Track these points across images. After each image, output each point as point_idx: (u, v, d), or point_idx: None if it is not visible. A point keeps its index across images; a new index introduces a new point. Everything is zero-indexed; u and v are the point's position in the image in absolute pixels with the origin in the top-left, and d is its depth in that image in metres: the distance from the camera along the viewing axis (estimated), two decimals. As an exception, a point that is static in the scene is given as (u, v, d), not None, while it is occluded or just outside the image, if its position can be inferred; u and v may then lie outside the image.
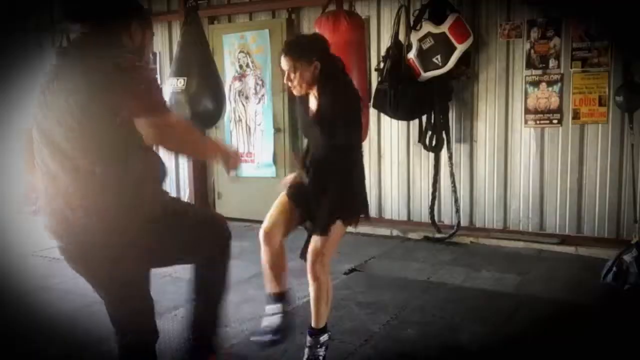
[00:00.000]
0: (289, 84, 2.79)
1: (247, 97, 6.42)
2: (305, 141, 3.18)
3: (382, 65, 5.28)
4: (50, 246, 5.43)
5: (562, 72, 5.04)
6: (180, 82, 4.99)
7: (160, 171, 2.17)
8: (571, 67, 4.99)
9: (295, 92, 2.85)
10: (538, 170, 5.22)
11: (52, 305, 3.91)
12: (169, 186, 7.20)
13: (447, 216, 5.60)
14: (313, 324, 2.87)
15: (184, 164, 6.88)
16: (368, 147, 5.71)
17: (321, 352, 2.86)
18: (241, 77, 6.43)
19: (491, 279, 4.30)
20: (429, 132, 5.31)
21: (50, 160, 1.99)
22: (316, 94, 2.81)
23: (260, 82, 6.31)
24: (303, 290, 4.05)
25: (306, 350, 2.88)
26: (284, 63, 2.78)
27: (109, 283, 2.13)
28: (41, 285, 4.32)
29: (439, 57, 4.93)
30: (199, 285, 2.44)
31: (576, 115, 5.01)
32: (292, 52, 2.77)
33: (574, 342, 3.17)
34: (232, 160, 2.27)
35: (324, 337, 2.88)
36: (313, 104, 2.86)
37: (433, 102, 5.20)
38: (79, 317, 3.68)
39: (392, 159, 5.81)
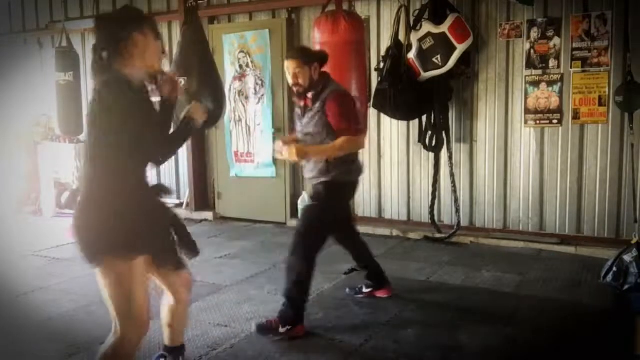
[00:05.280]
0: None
1: (247, 97, 6.42)
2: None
3: (382, 65, 5.28)
4: (50, 246, 5.47)
5: (562, 72, 5.04)
6: (180, 82, 4.99)
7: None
8: (571, 67, 4.99)
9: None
10: (538, 170, 5.22)
11: (51, 305, 3.90)
12: (170, 186, 7.19)
13: (447, 216, 5.60)
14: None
15: (184, 164, 6.88)
16: (368, 147, 5.71)
17: None
18: (241, 77, 6.43)
19: (491, 279, 4.30)
20: (429, 132, 5.31)
21: None
22: None
23: (260, 82, 6.31)
24: (303, 290, 4.06)
25: None
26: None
27: None
28: (41, 286, 4.32)
29: (439, 57, 4.93)
30: None
31: (576, 115, 5.01)
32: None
33: (574, 342, 3.18)
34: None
35: None
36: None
37: (433, 102, 5.21)
38: (79, 317, 3.68)
39: (392, 159, 5.81)
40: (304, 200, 6.21)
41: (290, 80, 3.37)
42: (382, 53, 5.42)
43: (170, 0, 6.86)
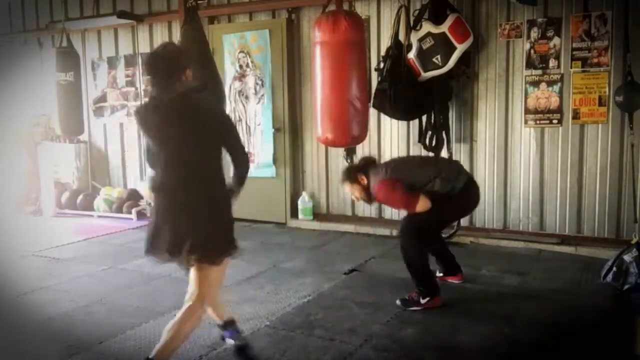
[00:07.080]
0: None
1: (247, 97, 6.42)
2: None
3: (382, 65, 5.28)
4: (50, 246, 5.47)
5: (562, 72, 5.04)
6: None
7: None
8: (571, 67, 4.99)
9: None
10: (538, 170, 5.22)
11: (51, 305, 3.90)
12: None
13: (447, 216, 5.59)
14: None
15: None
16: (368, 147, 5.70)
17: None
18: (241, 77, 6.43)
19: (491, 279, 4.30)
20: (429, 132, 5.30)
21: None
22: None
23: (260, 82, 6.31)
24: (303, 290, 4.07)
25: None
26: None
27: None
28: (41, 285, 4.32)
29: (439, 57, 4.93)
30: None
31: (576, 115, 5.01)
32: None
33: (574, 342, 3.17)
34: None
35: None
36: None
37: (433, 102, 5.20)
38: (79, 317, 3.68)
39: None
40: (303, 200, 6.21)
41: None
42: (382, 53, 5.42)
43: (170, 0, 6.86)
